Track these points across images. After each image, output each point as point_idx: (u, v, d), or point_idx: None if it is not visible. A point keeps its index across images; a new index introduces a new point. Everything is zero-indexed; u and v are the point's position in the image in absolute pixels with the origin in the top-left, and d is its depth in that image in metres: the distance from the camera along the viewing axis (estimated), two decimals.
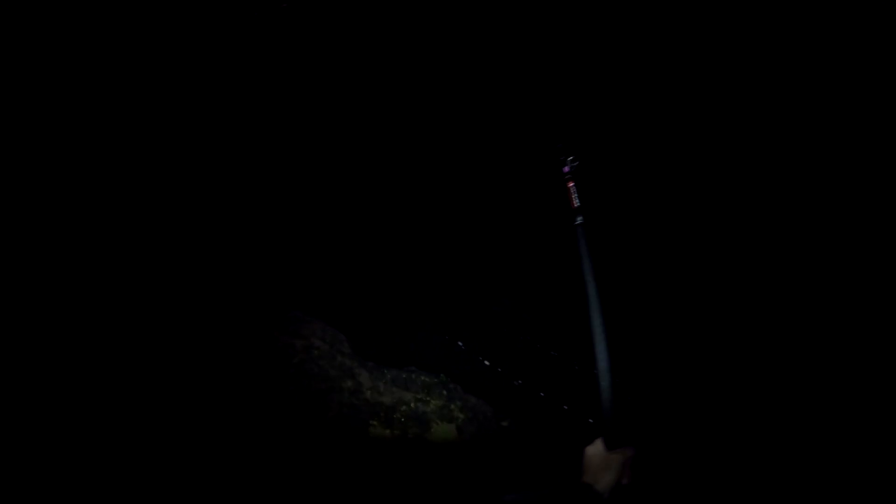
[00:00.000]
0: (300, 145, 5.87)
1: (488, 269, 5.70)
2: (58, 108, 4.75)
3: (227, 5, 5.39)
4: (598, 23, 5.22)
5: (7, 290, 3.79)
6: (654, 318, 4.97)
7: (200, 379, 4.07)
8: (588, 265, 1.31)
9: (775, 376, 4.40)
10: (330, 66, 5.78)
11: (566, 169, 1.54)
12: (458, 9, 5.43)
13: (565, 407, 4.73)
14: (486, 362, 5.20)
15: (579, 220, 1.39)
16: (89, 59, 4.90)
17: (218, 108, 5.51)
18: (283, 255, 5.51)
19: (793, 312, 4.60)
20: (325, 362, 4.92)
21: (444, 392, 4.90)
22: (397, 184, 5.89)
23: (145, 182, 5.05)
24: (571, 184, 1.51)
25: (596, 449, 1.27)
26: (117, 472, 3.04)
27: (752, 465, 3.86)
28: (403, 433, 4.43)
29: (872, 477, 3.45)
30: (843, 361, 4.19)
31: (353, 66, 5.78)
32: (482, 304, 5.55)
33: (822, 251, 4.64)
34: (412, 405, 4.68)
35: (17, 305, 3.75)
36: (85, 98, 4.91)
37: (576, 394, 4.80)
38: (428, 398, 4.78)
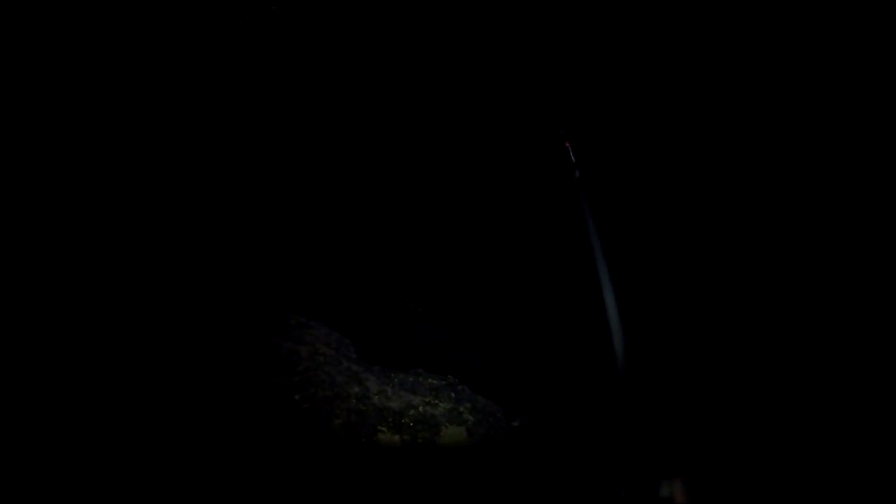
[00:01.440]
0: (289, 145, 5.84)
1: (485, 259, 5.60)
2: (52, 109, 4.77)
3: (218, 8, 5.41)
4: None
5: (4, 289, 3.78)
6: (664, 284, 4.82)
7: (204, 391, 4.03)
8: (589, 216, 1.30)
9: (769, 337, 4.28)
10: (322, 62, 5.76)
11: (561, 131, 1.55)
12: None
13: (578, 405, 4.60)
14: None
15: (577, 174, 1.39)
16: (79, 60, 4.93)
17: (210, 110, 5.51)
18: (278, 258, 5.47)
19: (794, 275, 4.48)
20: (332, 368, 4.86)
21: (453, 394, 4.82)
22: (388, 177, 5.83)
23: (136, 183, 5.04)
24: (567, 143, 1.51)
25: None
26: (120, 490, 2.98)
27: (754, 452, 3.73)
28: (413, 438, 4.36)
29: (872, 477, 3.35)
30: (842, 352, 4.08)
31: (343, 59, 5.75)
32: (484, 295, 5.46)
33: (817, 220, 4.55)
34: (421, 409, 4.61)
35: (13, 305, 3.74)
36: (78, 99, 4.92)
37: (587, 391, 4.68)
38: (436, 401, 4.71)
